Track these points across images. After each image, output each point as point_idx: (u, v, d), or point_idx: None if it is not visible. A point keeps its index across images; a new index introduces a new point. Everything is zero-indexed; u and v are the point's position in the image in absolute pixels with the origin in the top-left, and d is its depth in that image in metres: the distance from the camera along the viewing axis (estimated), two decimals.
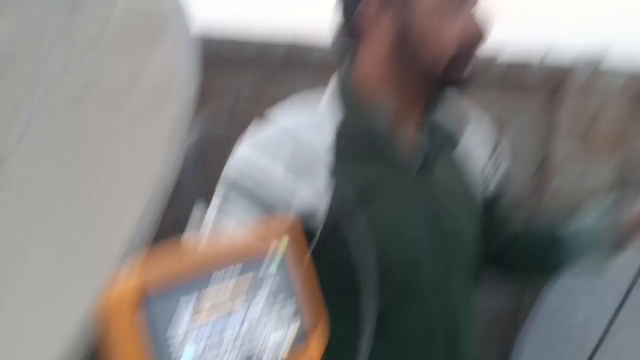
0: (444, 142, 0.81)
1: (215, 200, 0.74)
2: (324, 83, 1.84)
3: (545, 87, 1.78)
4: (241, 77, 1.95)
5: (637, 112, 1.77)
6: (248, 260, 0.37)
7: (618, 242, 0.84)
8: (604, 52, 1.74)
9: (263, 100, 1.95)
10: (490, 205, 0.89)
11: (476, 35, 0.71)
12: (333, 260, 0.63)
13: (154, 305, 0.32)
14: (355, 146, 0.74)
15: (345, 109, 0.77)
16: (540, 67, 1.79)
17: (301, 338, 0.38)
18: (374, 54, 0.76)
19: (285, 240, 0.39)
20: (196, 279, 0.34)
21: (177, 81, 1.25)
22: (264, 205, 0.69)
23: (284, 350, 0.37)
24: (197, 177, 0.42)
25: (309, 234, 0.71)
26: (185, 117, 1.28)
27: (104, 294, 0.31)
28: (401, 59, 0.74)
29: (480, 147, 0.88)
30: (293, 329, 0.38)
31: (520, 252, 0.92)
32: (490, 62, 1.81)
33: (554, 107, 1.79)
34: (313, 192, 0.71)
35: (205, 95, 2.02)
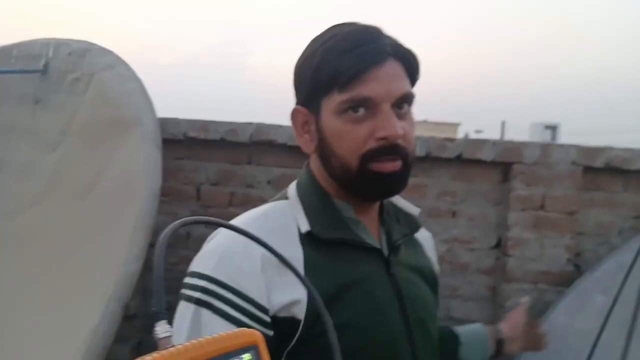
0: (406, 224, 0.86)
1: (186, 307, 0.72)
2: (292, 162, 1.90)
3: (500, 161, 1.88)
4: (209, 158, 1.99)
5: (587, 184, 1.87)
6: (221, 357, 0.37)
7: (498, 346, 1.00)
8: (556, 128, 1.86)
9: (231, 181, 1.99)
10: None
11: (386, 131, 0.74)
12: (320, 347, 0.65)
13: None
14: (331, 232, 0.77)
15: (315, 200, 0.80)
16: (496, 143, 1.90)
17: None
18: (314, 161, 0.82)
19: (251, 352, 0.39)
20: None
21: (141, 178, 1.29)
22: (240, 310, 0.69)
23: None
24: (161, 292, 0.42)
25: (293, 322, 0.72)
26: (150, 212, 1.30)
27: None
28: (323, 162, 0.79)
29: (427, 238, 0.94)
30: None
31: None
32: (450, 141, 1.91)
33: (509, 180, 1.88)
34: (290, 288, 0.72)
35: (173, 176, 2.04)
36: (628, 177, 1.89)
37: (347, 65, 0.72)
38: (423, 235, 0.92)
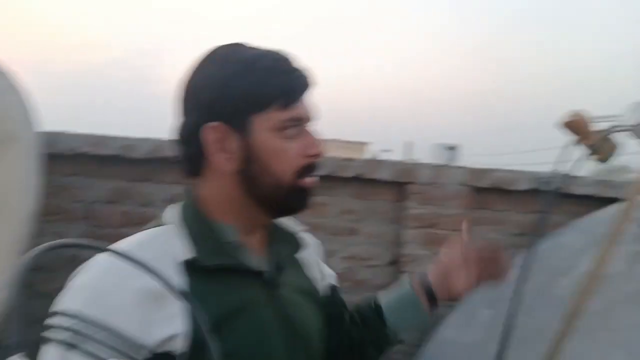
0: (290, 244, 0.86)
1: (52, 352, 0.63)
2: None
3: (396, 181, 1.95)
4: (103, 175, 1.89)
5: (476, 203, 1.99)
6: None
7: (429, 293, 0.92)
8: (455, 149, 1.97)
9: (126, 199, 1.90)
10: (334, 300, 0.95)
11: (315, 149, 0.78)
12: None
13: None
14: (214, 259, 0.75)
15: (198, 226, 0.78)
16: (393, 163, 1.97)
17: None
18: (218, 181, 0.79)
19: None
20: None
21: (16, 198, 1.20)
22: (114, 351, 0.65)
23: None
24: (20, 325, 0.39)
25: (171, 358, 0.69)
26: (25, 235, 1.21)
27: None
28: (248, 179, 0.78)
29: (311, 254, 0.95)
30: None
31: (352, 330, 0.97)
32: (350, 161, 1.96)
33: (404, 199, 1.96)
34: (167, 321, 0.69)
35: (61, 194, 1.91)
36: (511, 196, 2.03)
37: (293, 84, 0.75)
38: (307, 252, 0.93)
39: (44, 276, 1.83)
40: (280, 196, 0.77)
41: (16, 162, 1.18)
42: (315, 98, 0.82)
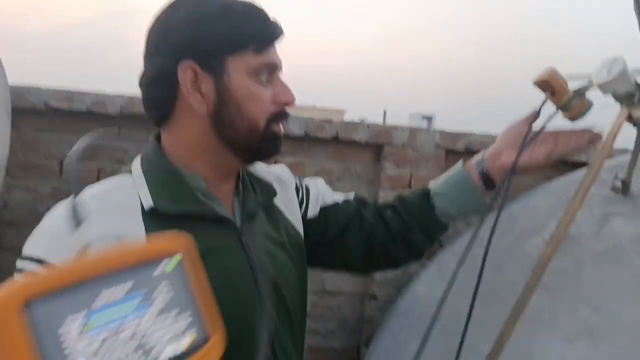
0: (262, 194, 0.86)
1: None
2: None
3: (373, 143, 1.97)
4: (75, 131, 1.85)
5: (449, 165, 2.02)
6: (142, 267, 0.37)
7: (488, 173, 0.91)
8: (431, 119, 1.98)
9: (99, 156, 1.87)
10: (326, 220, 0.95)
11: (287, 97, 0.78)
12: None
13: (40, 308, 0.31)
14: (178, 206, 0.74)
15: (161, 174, 0.77)
16: (369, 126, 1.98)
17: (197, 347, 0.38)
18: (189, 125, 0.78)
19: (178, 255, 0.39)
20: (87, 283, 0.34)
21: None
22: None
23: (183, 356, 0.37)
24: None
25: None
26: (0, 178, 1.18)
27: None
28: (221, 122, 0.77)
29: (286, 189, 0.94)
30: (189, 337, 0.38)
31: (407, 219, 0.97)
32: (327, 122, 1.96)
33: (380, 160, 1.98)
34: None
35: (33, 149, 1.88)
36: None
37: (268, 30, 0.76)
38: (283, 197, 0.92)
39: (13, 231, 1.80)
40: (252, 140, 0.77)
41: None
42: (293, 61, 0.82)
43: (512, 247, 1.58)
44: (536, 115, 0.90)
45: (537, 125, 0.88)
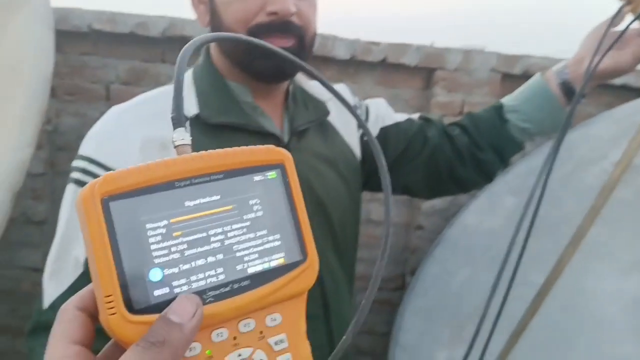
0: (314, 111, 0.83)
1: (68, 188, 0.72)
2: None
3: (423, 67, 1.87)
4: (119, 54, 1.83)
5: (504, 90, 1.91)
6: (236, 174, 0.33)
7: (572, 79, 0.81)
8: (478, 42, 1.85)
9: (143, 80, 1.85)
10: (386, 140, 0.91)
11: (276, 5, 0.70)
12: None
13: (120, 206, 0.29)
14: (222, 116, 0.73)
15: (208, 83, 0.76)
16: (419, 48, 1.88)
17: (290, 267, 0.35)
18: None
19: (278, 168, 0.35)
20: (173, 185, 0.31)
21: (30, 61, 1.16)
22: None
23: (271, 275, 0.34)
24: None
25: None
26: (41, 97, 1.18)
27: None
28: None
29: (343, 109, 0.90)
30: (280, 255, 0.34)
31: (477, 136, 0.91)
32: (375, 44, 1.87)
33: (430, 86, 1.89)
34: None
35: (79, 73, 1.87)
36: None
37: None
38: (343, 117, 0.89)
39: (65, 156, 1.84)
40: (238, 55, 0.74)
41: (28, 27, 1.13)
42: None
43: (569, 178, 1.51)
44: (619, 16, 0.80)
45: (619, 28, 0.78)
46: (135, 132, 0.70)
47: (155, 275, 0.30)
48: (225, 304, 0.31)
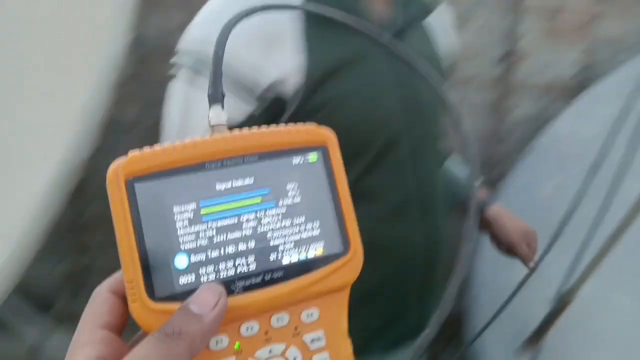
0: (417, 10, 0.81)
1: (180, 78, 0.72)
2: None
3: None
4: None
5: None
6: (273, 156, 0.31)
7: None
8: None
9: None
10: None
11: None
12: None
13: (148, 187, 0.28)
14: (328, 13, 0.72)
15: None
16: None
17: (330, 259, 0.32)
18: None
19: (320, 149, 0.32)
20: (204, 165, 0.29)
21: (109, 28, 1.16)
22: (232, 81, 0.68)
23: (307, 266, 0.31)
24: None
25: (280, 102, 0.70)
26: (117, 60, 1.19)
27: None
28: None
29: (444, 13, 0.90)
30: (320, 245, 0.31)
31: None
32: None
33: None
34: (281, 63, 0.69)
35: None
36: None
37: None
38: (441, 19, 0.88)
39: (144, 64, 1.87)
40: None
41: None
42: None
43: None
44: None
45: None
46: (244, 24, 0.71)
47: (180, 261, 0.28)
48: (254, 296, 0.29)
